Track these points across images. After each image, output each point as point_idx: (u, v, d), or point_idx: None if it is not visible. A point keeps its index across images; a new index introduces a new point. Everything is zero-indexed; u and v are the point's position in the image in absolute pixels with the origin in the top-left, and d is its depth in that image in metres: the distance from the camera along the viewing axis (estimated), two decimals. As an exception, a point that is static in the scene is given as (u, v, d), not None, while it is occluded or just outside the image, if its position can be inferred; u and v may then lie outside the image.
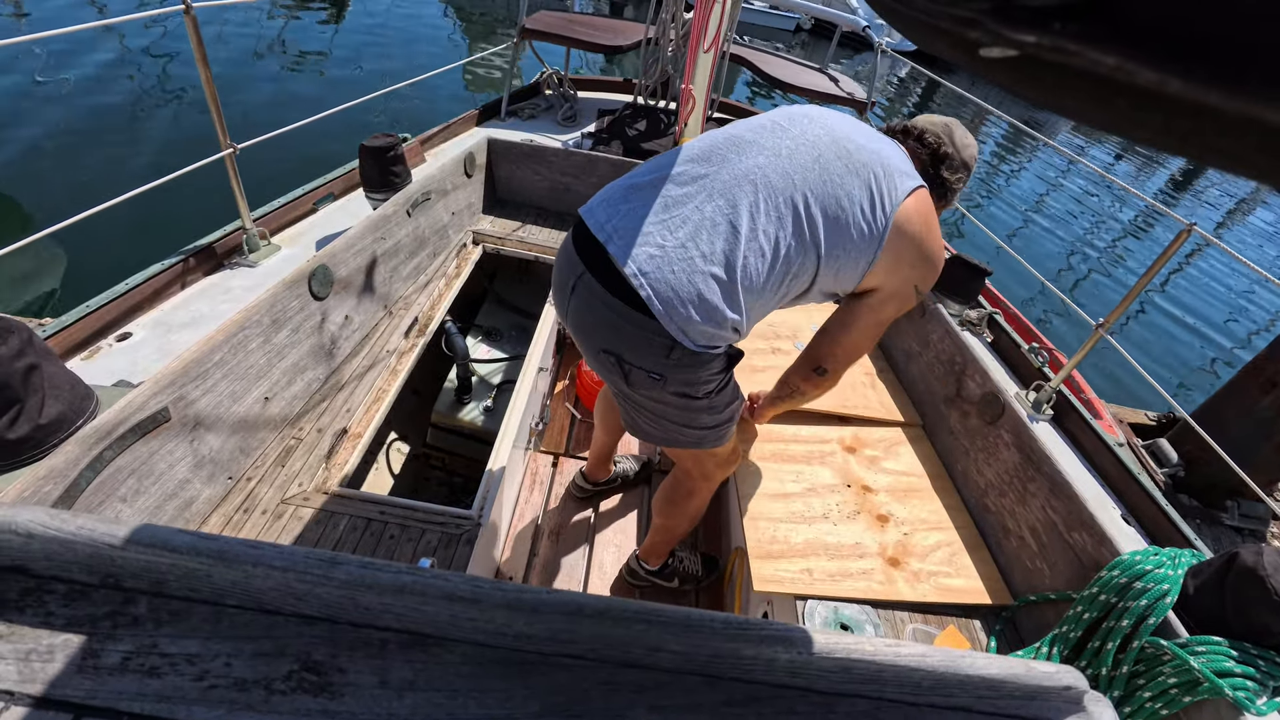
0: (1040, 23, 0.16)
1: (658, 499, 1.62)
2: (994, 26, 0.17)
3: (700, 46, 2.17)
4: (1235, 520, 3.39)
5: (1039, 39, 0.17)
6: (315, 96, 6.96)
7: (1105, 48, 0.16)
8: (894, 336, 2.33)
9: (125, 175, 4.95)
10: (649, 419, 1.24)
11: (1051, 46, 0.17)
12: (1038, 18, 0.16)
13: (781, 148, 1.10)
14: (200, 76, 1.45)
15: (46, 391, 1.04)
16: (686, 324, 1.04)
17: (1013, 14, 0.17)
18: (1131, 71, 0.15)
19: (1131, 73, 0.15)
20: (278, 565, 0.62)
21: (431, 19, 11.78)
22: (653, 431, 1.27)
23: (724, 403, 1.24)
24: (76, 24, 1.30)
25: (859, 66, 14.69)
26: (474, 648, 0.65)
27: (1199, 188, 12.98)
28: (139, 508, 1.14)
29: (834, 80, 3.38)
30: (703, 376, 1.13)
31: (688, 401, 1.17)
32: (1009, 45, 0.17)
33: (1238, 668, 1.09)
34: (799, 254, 1.09)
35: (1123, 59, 0.15)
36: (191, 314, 1.47)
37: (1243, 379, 3.38)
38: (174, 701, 0.57)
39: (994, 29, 0.17)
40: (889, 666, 0.66)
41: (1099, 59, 0.16)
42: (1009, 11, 0.17)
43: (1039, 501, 1.54)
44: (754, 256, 1.05)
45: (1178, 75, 0.15)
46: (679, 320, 1.04)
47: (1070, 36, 0.16)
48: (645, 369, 1.10)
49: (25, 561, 0.62)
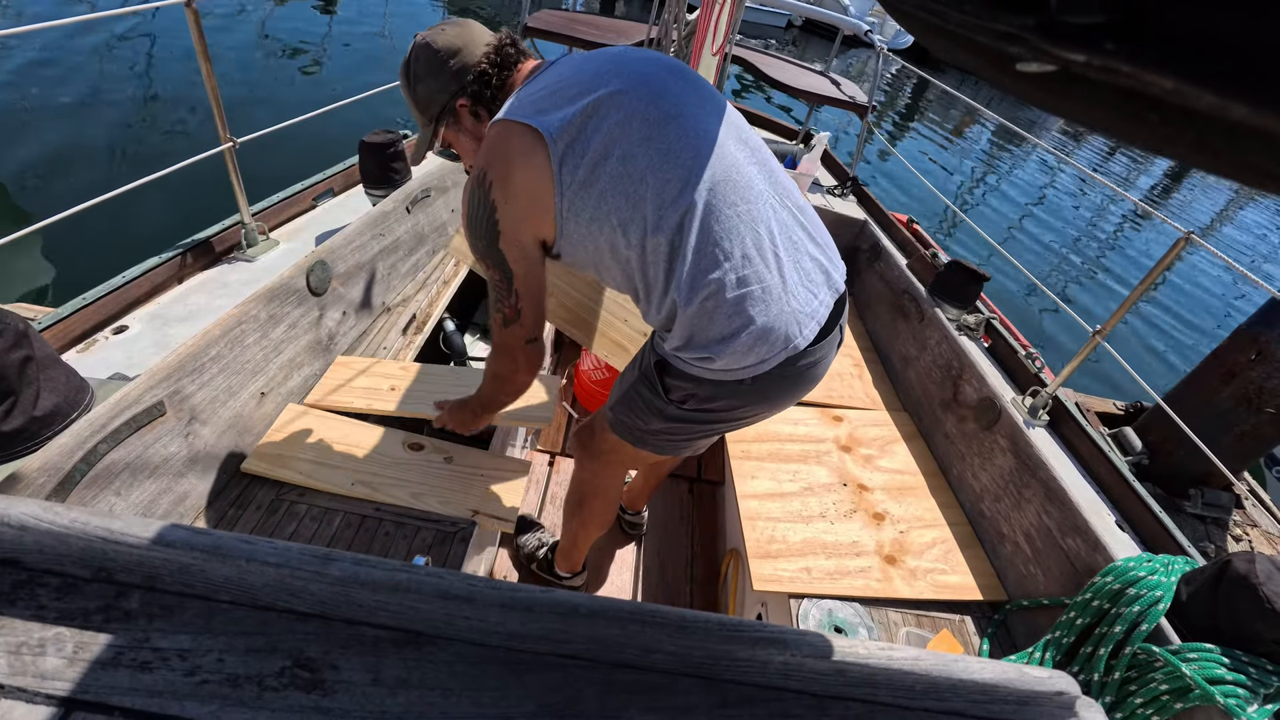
0: (1090, 41, 0.16)
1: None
2: (1040, 44, 0.17)
3: (709, 48, 2.17)
4: (1198, 509, 3.39)
5: (1089, 58, 0.16)
6: (314, 93, 6.95)
7: (1162, 70, 0.15)
8: (891, 340, 2.33)
9: (123, 169, 4.94)
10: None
11: (1102, 66, 0.16)
12: (1086, 36, 0.16)
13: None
14: (201, 70, 1.44)
15: (41, 384, 1.04)
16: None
17: (1061, 32, 0.16)
18: (1191, 96, 0.15)
19: (1192, 97, 0.15)
20: (272, 561, 0.62)
21: (429, 17, 11.77)
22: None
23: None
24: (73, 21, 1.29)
25: (850, 63, 14.69)
26: (468, 646, 0.65)
27: (1188, 186, 13.07)
28: (133, 502, 1.14)
29: (835, 83, 3.38)
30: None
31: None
32: (1052, 62, 0.17)
33: (1229, 675, 1.09)
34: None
35: (1181, 83, 0.15)
36: (189, 308, 1.46)
37: (1203, 370, 3.38)
38: (166, 696, 0.57)
39: (1039, 46, 0.17)
40: (882, 670, 0.66)
41: (1155, 81, 0.15)
42: (1055, 29, 0.17)
43: (1034, 507, 1.55)
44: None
45: (1243, 101, 0.14)
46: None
47: (1124, 58, 0.16)
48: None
49: (18, 554, 0.62)
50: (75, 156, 4.93)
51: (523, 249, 1.03)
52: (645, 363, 1.17)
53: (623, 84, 0.98)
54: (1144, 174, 13.27)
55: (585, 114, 0.96)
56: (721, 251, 0.98)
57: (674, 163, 0.97)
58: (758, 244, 1.01)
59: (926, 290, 2.25)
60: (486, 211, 1.00)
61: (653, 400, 1.16)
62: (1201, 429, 1.68)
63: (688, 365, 1.08)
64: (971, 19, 0.18)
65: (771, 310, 1.02)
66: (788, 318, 1.03)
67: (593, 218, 0.99)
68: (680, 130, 0.98)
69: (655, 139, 0.97)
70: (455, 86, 1.07)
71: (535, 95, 1.00)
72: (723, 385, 1.09)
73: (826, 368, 1.16)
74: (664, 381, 1.14)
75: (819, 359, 1.11)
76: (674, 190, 0.96)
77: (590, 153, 0.96)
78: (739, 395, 1.10)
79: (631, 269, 1.04)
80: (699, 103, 1.03)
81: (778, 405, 1.18)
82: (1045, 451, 1.60)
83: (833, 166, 3.34)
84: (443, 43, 1.06)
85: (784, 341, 1.03)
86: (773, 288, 1.02)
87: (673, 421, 1.18)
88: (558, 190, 0.97)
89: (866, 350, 2.38)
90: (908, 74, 14.08)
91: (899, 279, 2.40)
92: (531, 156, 0.96)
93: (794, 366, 1.08)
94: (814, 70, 3.56)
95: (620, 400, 1.24)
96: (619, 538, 2.02)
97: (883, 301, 2.47)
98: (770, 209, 1.04)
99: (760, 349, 1.03)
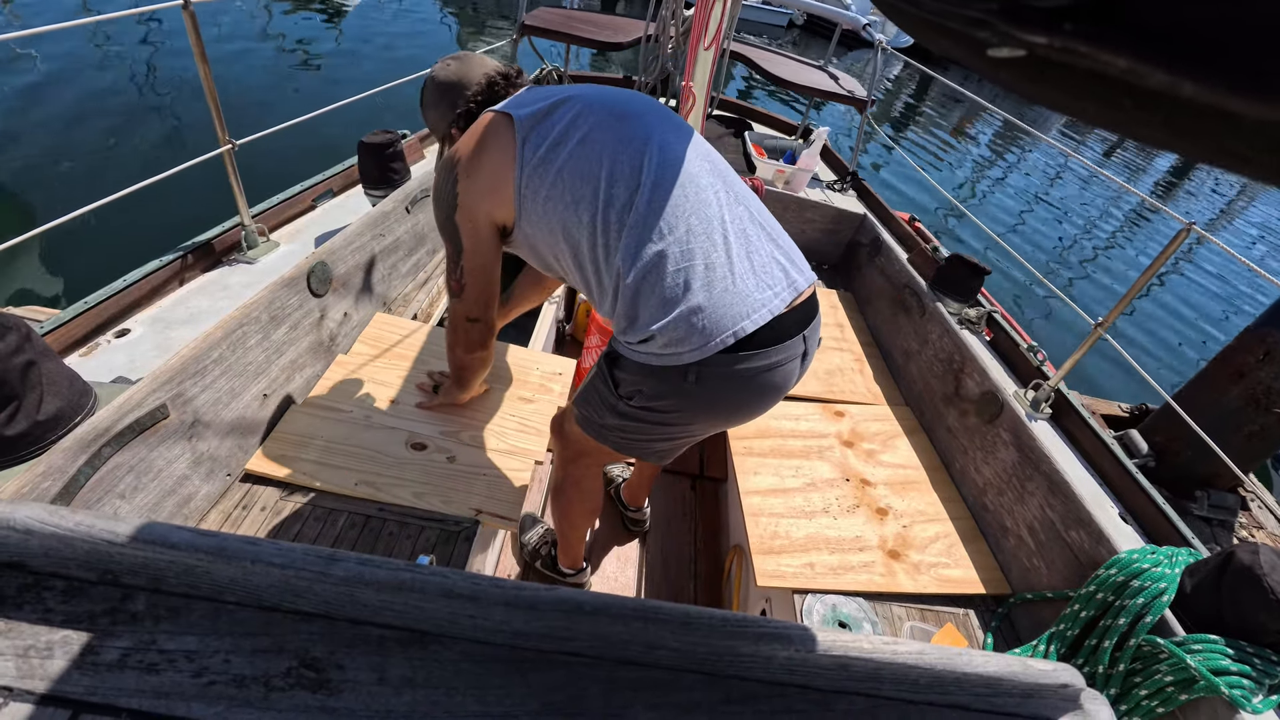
0: (1050, 24, 0.16)
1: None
2: (1004, 27, 0.17)
3: (701, 44, 2.17)
4: (1205, 511, 3.37)
5: (1049, 40, 0.16)
6: (314, 92, 6.95)
7: (1117, 50, 0.15)
8: (893, 335, 2.33)
9: (123, 171, 4.94)
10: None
11: (1062, 48, 0.16)
12: (1048, 19, 0.16)
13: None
14: (199, 73, 1.44)
15: (45, 388, 1.04)
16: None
17: (1022, 15, 0.17)
18: (1143, 74, 0.15)
19: (1143, 75, 0.15)
20: (276, 562, 0.62)
21: (427, 14, 11.75)
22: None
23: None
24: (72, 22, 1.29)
25: (853, 63, 14.65)
26: (472, 645, 0.65)
27: (1193, 182, 13.00)
28: (137, 504, 1.14)
29: (834, 78, 3.37)
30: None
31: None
32: (1018, 46, 0.17)
33: (1234, 666, 1.09)
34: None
35: (1135, 61, 0.15)
36: (190, 310, 1.46)
37: (1212, 370, 3.37)
38: (172, 698, 0.57)
39: (1004, 30, 0.17)
40: (886, 664, 0.66)
41: (1110, 61, 0.16)
42: (1018, 12, 0.17)
43: (1037, 500, 1.55)
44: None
45: (1191, 78, 0.15)
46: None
47: (1081, 38, 0.16)
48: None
49: (24, 558, 0.62)
50: (75, 160, 4.94)
51: (476, 226, 1.14)
52: (602, 357, 1.22)
53: (593, 93, 1.13)
54: (1148, 171, 13.21)
55: (553, 105, 1.10)
56: (666, 225, 1.02)
57: (628, 149, 1.05)
58: (705, 227, 1.04)
59: (928, 284, 2.24)
60: (450, 183, 1.12)
61: (605, 395, 1.19)
62: (1209, 430, 1.67)
63: (633, 352, 1.10)
64: (943, 5, 0.18)
65: (715, 289, 1.01)
66: (732, 298, 1.02)
67: (548, 196, 1.07)
68: (638, 127, 1.08)
69: (613, 128, 1.07)
70: (450, 116, 1.23)
71: (517, 98, 1.16)
72: (667, 380, 1.07)
73: (789, 378, 1.12)
74: (614, 375, 1.16)
75: (775, 363, 1.07)
76: (625, 170, 1.04)
77: (552, 135, 1.07)
78: (684, 395, 1.08)
79: (582, 252, 1.08)
80: (662, 121, 1.12)
81: (728, 414, 1.16)
82: (1048, 445, 1.59)
83: (833, 161, 3.34)
84: (443, 77, 1.23)
85: (729, 323, 1.01)
86: (717, 265, 1.03)
87: (624, 419, 1.18)
88: (518, 166, 1.07)
89: (868, 345, 2.38)
90: (912, 73, 14.04)
91: (900, 273, 2.39)
92: (499, 136, 1.09)
93: (743, 365, 1.05)
94: (813, 65, 3.55)
95: (581, 393, 1.29)
96: (622, 534, 2.02)
97: (884, 296, 2.46)
98: (721, 203, 1.07)
99: (702, 326, 1.01)
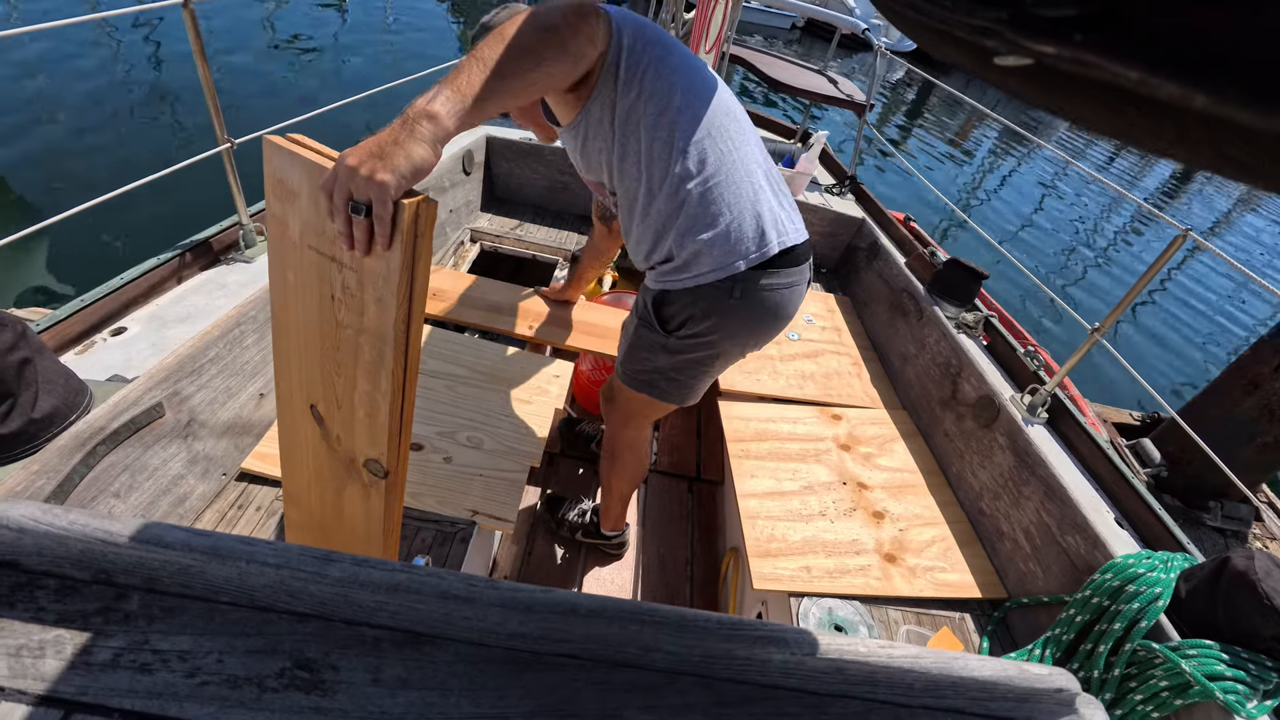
0: (1060, 34, 0.16)
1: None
2: (1012, 36, 0.17)
3: (701, 47, 2.17)
4: (1218, 521, 3.38)
5: (1058, 50, 0.16)
6: (313, 92, 6.94)
7: (1128, 62, 0.15)
8: (890, 339, 2.33)
9: (121, 170, 4.93)
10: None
11: (1072, 58, 0.16)
12: (1057, 28, 0.16)
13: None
14: (198, 71, 1.44)
15: (39, 386, 1.04)
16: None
17: (1031, 24, 0.17)
18: (1155, 86, 0.15)
19: (1155, 87, 0.15)
20: (271, 562, 0.62)
21: (427, 12, 11.75)
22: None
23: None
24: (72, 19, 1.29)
25: (854, 66, 14.69)
26: (467, 646, 0.65)
27: (1193, 190, 13.04)
28: (132, 504, 1.13)
29: (833, 82, 3.38)
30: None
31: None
32: (1026, 55, 0.17)
33: (1229, 671, 1.09)
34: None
35: (1146, 73, 0.15)
36: (187, 309, 1.46)
37: (1225, 380, 3.37)
38: (165, 698, 0.57)
39: (1012, 39, 0.17)
40: (882, 668, 0.66)
41: (1121, 73, 0.16)
42: (1027, 21, 0.17)
43: (1033, 504, 1.55)
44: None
45: (1203, 91, 0.14)
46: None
47: (1091, 49, 0.16)
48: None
49: (17, 557, 0.62)
50: (73, 158, 4.93)
51: None
52: (642, 308, 1.30)
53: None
54: (1148, 177, 13.25)
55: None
56: (730, 144, 1.14)
57: (698, 78, 1.12)
58: (754, 155, 1.17)
59: (925, 288, 2.24)
60: None
61: (653, 338, 1.29)
62: (1223, 440, 1.67)
63: (679, 280, 1.20)
64: (949, 13, 0.18)
65: (762, 203, 1.17)
66: (770, 215, 1.18)
67: (640, 92, 1.09)
68: (698, 64, 1.15)
69: (679, 62, 1.11)
70: None
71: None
72: (713, 299, 1.19)
73: (797, 302, 1.27)
74: (660, 314, 1.26)
75: (792, 283, 1.24)
76: (695, 96, 1.11)
77: (628, 54, 1.07)
78: (726, 313, 1.21)
79: (655, 152, 1.13)
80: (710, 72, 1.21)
81: (751, 334, 1.29)
82: (1044, 449, 1.60)
83: (831, 166, 3.34)
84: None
85: (772, 232, 1.17)
86: (762, 189, 1.17)
87: (674, 355, 1.29)
88: (614, 46, 1.05)
89: (865, 349, 2.38)
90: (913, 77, 14.08)
91: (897, 277, 2.39)
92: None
93: (771, 281, 1.19)
94: (812, 69, 3.56)
95: (627, 353, 1.37)
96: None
97: (881, 300, 2.47)
98: (760, 148, 1.21)
99: (744, 235, 1.15)
